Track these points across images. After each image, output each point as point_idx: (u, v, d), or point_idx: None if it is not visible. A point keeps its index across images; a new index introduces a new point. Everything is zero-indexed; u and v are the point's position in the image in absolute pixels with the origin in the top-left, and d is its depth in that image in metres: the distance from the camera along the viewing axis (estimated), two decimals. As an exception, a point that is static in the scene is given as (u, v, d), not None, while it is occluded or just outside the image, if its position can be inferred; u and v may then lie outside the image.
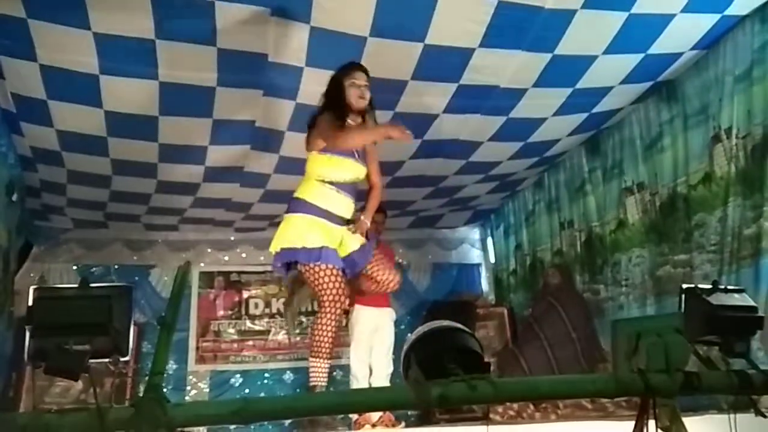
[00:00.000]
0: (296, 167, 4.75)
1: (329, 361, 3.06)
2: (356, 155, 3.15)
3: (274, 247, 3.09)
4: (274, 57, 3.44)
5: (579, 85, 3.87)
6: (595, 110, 4.26)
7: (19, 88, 3.60)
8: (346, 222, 3.17)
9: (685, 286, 1.84)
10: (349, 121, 3.09)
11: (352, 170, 3.15)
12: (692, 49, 3.67)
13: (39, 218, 5.62)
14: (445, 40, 3.37)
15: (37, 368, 1.36)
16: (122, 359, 1.39)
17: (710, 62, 3.71)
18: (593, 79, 3.80)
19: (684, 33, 3.50)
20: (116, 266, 6.02)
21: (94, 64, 3.36)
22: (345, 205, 3.14)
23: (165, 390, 1.50)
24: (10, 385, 4.78)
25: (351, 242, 3.16)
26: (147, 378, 1.54)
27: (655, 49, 3.57)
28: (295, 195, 3.14)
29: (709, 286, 1.82)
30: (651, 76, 3.93)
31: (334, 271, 3.02)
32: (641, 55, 3.64)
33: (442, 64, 3.57)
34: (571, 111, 4.22)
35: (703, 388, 1.63)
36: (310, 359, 3.09)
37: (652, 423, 1.63)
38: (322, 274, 3.00)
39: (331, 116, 3.03)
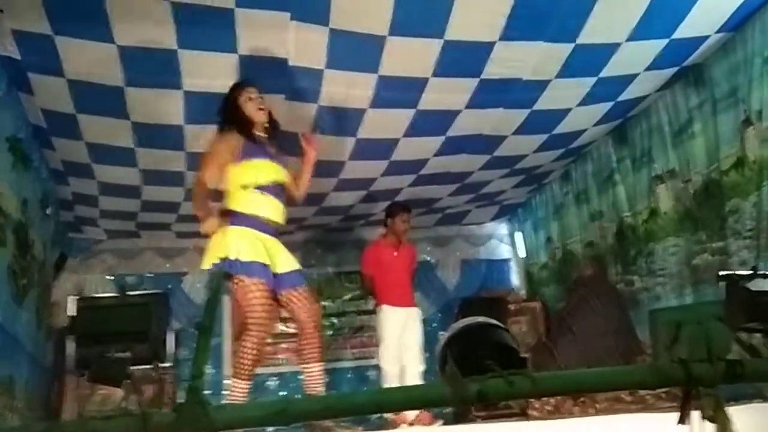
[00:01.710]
0: (318, 170, 4.77)
1: (250, 382, 3.12)
2: (271, 156, 3.28)
3: (207, 263, 3.12)
4: (295, 61, 3.46)
5: (603, 74, 3.81)
6: (620, 99, 4.19)
7: (48, 103, 3.69)
8: (278, 229, 3.25)
9: (722, 273, 1.80)
10: (258, 133, 3.28)
11: (272, 171, 3.24)
12: (719, 31, 3.58)
13: (73, 230, 5.74)
14: (464, 34, 3.35)
15: (81, 376, 1.38)
16: (162, 365, 1.42)
17: (738, 44, 3.62)
18: (617, 67, 3.74)
19: (710, 15, 3.42)
20: (150, 274, 6.11)
21: (120, 77, 3.42)
22: (274, 208, 3.21)
23: (203, 394, 1.52)
24: (52, 394, 4.88)
25: (284, 262, 3.23)
26: (187, 383, 1.56)
27: (681, 33, 3.49)
28: (224, 208, 3.20)
29: (748, 272, 1.78)
30: (677, 61, 3.86)
31: (262, 287, 3.06)
32: (666, 40, 3.56)
33: (462, 59, 3.55)
34: (596, 100, 4.17)
35: (747, 376, 1.59)
36: (233, 379, 3.13)
37: (695, 414, 1.60)
38: (253, 288, 3.04)
39: (236, 135, 3.20)
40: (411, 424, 4.19)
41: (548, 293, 6.16)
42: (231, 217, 3.15)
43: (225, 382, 5.99)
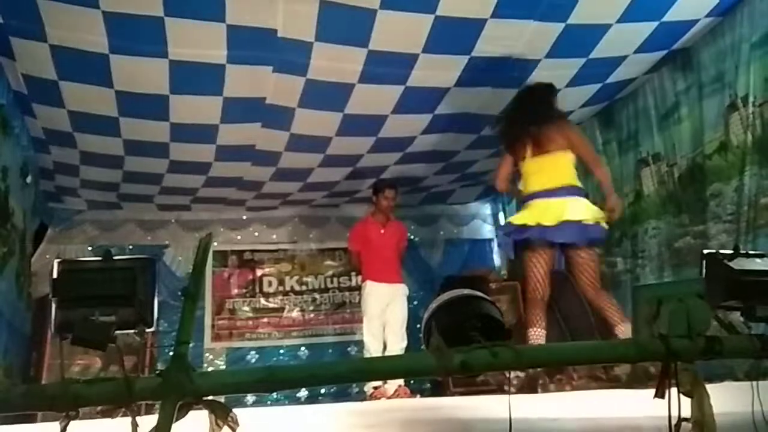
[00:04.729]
0: (307, 144, 4.77)
1: None
2: None
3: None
4: (284, 32, 3.41)
5: (592, 55, 3.82)
6: (608, 81, 4.21)
7: (30, 69, 3.60)
8: None
9: (706, 251, 1.82)
10: None
11: None
12: (708, 16, 3.60)
13: (53, 200, 5.66)
14: (456, 11, 3.33)
15: (64, 339, 1.37)
16: (147, 330, 1.41)
17: (726, 29, 3.64)
18: (607, 48, 3.75)
19: (700, -1, 3.45)
20: (131, 246, 6.07)
21: (104, 43, 3.35)
22: None
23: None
24: (31, 364, 4.86)
25: None
26: (168, 353, 1.56)
27: (670, 16, 3.51)
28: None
29: (731, 252, 1.81)
30: (665, 44, 3.87)
31: None
32: (656, 23, 3.58)
33: (453, 35, 3.53)
34: (584, 82, 4.17)
35: (725, 352, 1.63)
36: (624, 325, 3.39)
37: (674, 391, 1.63)
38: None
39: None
40: (389, 398, 4.24)
41: (529, 274, 6.19)
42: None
43: (205, 355, 6.04)
